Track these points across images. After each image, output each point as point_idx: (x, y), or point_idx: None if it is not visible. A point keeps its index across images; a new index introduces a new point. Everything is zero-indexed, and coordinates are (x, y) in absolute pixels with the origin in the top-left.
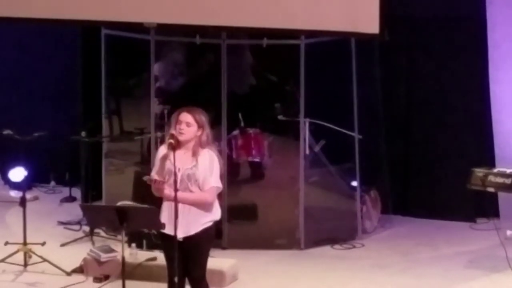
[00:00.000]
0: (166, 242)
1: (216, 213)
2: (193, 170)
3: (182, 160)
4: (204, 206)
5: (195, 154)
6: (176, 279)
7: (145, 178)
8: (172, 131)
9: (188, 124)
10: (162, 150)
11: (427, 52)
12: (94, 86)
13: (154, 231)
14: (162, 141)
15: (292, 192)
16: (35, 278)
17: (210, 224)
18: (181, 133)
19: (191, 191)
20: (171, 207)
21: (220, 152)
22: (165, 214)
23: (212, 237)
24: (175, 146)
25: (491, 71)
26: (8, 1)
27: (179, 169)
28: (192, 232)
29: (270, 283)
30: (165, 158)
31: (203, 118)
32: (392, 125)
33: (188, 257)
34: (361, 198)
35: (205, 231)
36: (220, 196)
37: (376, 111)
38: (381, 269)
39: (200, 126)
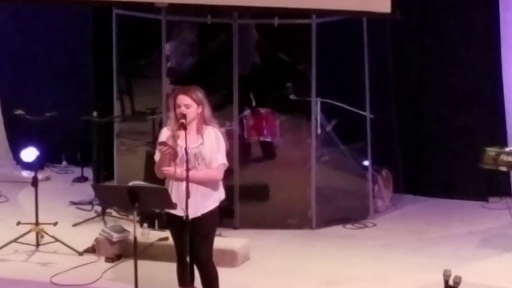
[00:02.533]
0: (173, 223)
1: (221, 192)
2: (199, 149)
3: (187, 139)
4: (212, 184)
5: (199, 131)
6: (188, 259)
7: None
8: (173, 115)
9: (187, 106)
10: (165, 132)
11: (439, 31)
12: (106, 66)
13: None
14: (160, 124)
15: (303, 171)
16: (47, 258)
17: (216, 204)
18: (183, 114)
19: (197, 170)
20: (178, 187)
21: (231, 132)
22: (172, 195)
23: (218, 218)
24: (185, 125)
25: (503, 50)
26: None
27: (185, 148)
28: (199, 213)
29: (282, 262)
30: (169, 139)
31: (200, 94)
32: (404, 105)
33: (194, 238)
34: (373, 178)
35: (211, 212)
36: (231, 176)
37: (388, 90)
38: (393, 248)
39: (198, 103)
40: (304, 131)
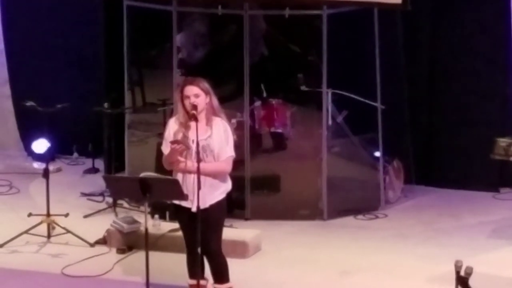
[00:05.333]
0: (180, 214)
1: (229, 183)
2: (207, 141)
3: (195, 131)
4: (221, 176)
5: (208, 122)
6: (199, 250)
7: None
8: (180, 107)
9: (196, 96)
10: (172, 125)
11: (450, 20)
12: (117, 58)
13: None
14: (171, 115)
15: (314, 162)
16: (58, 249)
17: (224, 195)
18: (195, 105)
19: (205, 162)
20: (186, 179)
21: (242, 123)
22: None
23: (226, 209)
24: (196, 116)
25: None
26: None
27: (193, 140)
28: (208, 204)
29: (293, 253)
30: (178, 132)
31: (206, 84)
32: (415, 95)
33: (203, 229)
34: (384, 168)
35: (219, 203)
36: (242, 167)
37: (399, 81)
38: (404, 239)
39: (206, 93)
40: (315, 122)
